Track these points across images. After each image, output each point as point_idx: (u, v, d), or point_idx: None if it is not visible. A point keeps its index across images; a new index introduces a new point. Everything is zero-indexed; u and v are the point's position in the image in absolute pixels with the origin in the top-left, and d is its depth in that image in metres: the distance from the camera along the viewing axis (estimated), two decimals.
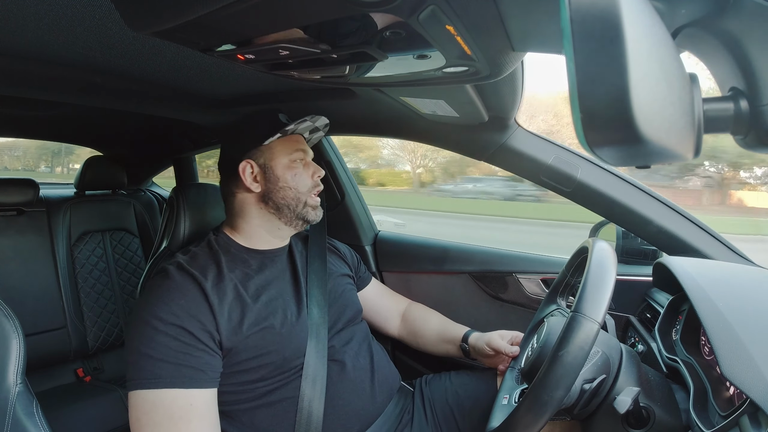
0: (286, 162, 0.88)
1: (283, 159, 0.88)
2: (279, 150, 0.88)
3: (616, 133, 0.21)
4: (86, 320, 1.58)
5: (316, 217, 0.91)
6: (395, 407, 0.90)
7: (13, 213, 1.51)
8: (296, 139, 0.91)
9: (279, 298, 0.83)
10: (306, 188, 0.89)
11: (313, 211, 0.91)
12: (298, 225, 0.91)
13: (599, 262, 0.59)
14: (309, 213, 0.90)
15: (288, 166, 0.88)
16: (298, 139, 0.92)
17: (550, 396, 0.53)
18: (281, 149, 0.88)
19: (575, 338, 0.53)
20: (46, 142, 2.21)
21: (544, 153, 0.98)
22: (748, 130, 0.30)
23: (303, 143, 0.92)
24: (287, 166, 0.88)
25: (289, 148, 0.89)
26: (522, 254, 1.18)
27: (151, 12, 0.45)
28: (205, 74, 0.89)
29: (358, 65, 0.57)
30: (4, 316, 0.63)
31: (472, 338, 0.98)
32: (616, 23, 0.20)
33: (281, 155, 0.88)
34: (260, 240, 0.90)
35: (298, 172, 0.88)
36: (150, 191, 2.05)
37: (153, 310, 0.71)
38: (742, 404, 0.49)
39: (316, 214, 0.91)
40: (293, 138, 0.91)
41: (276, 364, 0.77)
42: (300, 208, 0.89)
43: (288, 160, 0.88)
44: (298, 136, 0.92)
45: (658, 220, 0.92)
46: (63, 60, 0.79)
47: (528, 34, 0.48)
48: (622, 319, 0.99)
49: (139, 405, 0.67)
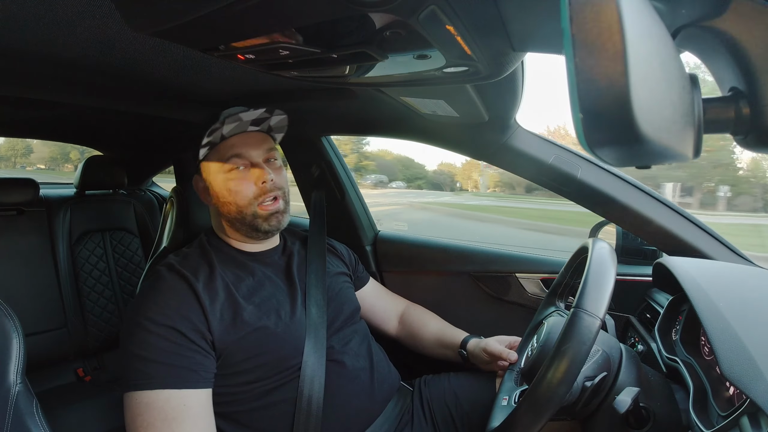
0: (221, 175, 0.83)
1: (217, 173, 0.83)
2: (213, 162, 0.83)
3: (616, 133, 0.21)
4: (86, 320, 1.58)
5: (270, 227, 0.84)
6: (395, 407, 0.90)
7: (13, 213, 1.51)
8: (230, 144, 0.82)
9: (272, 298, 0.83)
10: (246, 200, 0.82)
11: (265, 221, 0.83)
12: (257, 236, 0.86)
13: (600, 259, 0.59)
14: (260, 225, 0.83)
15: (223, 178, 0.82)
16: (234, 142, 0.82)
17: (553, 392, 0.53)
18: (215, 160, 0.83)
19: (577, 334, 0.53)
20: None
21: (544, 153, 0.98)
22: (748, 130, 0.30)
23: (240, 146, 0.82)
24: (223, 179, 0.82)
25: (222, 156, 0.82)
26: (522, 254, 1.18)
27: (151, 12, 0.45)
28: (205, 74, 0.89)
29: (358, 65, 0.57)
30: (4, 315, 0.63)
31: (470, 345, 0.97)
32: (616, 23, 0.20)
33: (216, 168, 0.83)
34: (242, 245, 0.89)
35: (233, 184, 0.82)
36: (150, 191, 2.05)
37: (144, 312, 0.71)
38: (742, 404, 0.49)
39: (270, 225, 0.84)
40: (227, 144, 0.82)
41: (272, 364, 0.77)
42: (248, 220, 0.83)
43: (222, 173, 0.82)
44: (234, 139, 0.83)
45: (658, 220, 0.92)
46: (63, 60, 0.79)
47: (528, 34, 0.48)
48: (622, 319, 0.99)
49: (132, 406, 0.67)
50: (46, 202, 1.60)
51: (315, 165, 1.34)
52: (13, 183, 1.50)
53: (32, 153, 15.23)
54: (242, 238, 0.89)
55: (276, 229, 0.86)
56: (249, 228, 0.85)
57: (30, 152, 15.17)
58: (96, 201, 1.72)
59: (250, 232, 0.86)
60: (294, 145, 1.36)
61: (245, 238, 0.89)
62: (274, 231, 0.86)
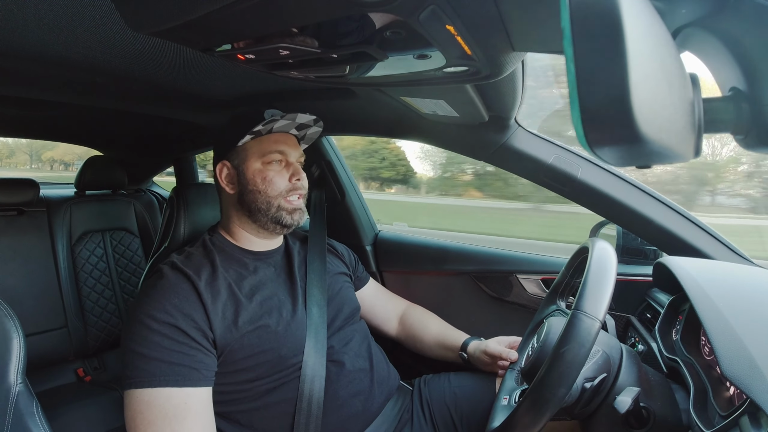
0: (258, 164, 0.85)
1: (255, 161, 0.85)
2: (253, 151, 0.85)
3: (616, 133, 0.21)
4: (87, 320, 1.58)
5: (293, 221, 0.87)
6: (394, 407, 0.90)
7: (13, 213, 1.51)
8: (275, 140, 0.86)
9: (274, 297, 0.83)
10: (277, 192, 0.85)
11: (289, 215, 0.86)
12: (276, 229, 0.88)
13: (600, 260, 0.59)
14: (284, 217, 0.86)
15: (260, 168, 0.85)
16: (278, 138, 0.87)
17: (552, 394, 0.53)
18: (255, 150, 0.85)
19: (576, 335, 0.53)
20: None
21: (544, 153, 0.98)
22: (749, 130, 0.30)
23: (283, 143, 0.87)
24: (259, 168, 0.85)
25: (264, 149, 0.85)
26: (522, 255, 1.18)
27: (151, 12, 0.45)
28: (205, 74, 0.89)
29: (358, 65, 0.57)
30: (4, 315, 0.63)
31: (470, 347, 0.98)
32: (616, 23, 0.20)
33: (254, 157, 0.85)
34: (248, 242, 0.90)
35: (270, 174, 0.85)
36: (150, 191, 2.05)
37: (147, 310, 0.71)
38: (742, 404, 0.49)
39: (293, 219, 0.87)
40: (271, 138, 0.86)
41: (272, 362, 0.77)
42: (273, 211, 0.85)
43: (261, 162, 0.85)
44: (278, 136, 0.87)
45: (659, 219, 0.92)
46: (63, 60, 0.79)
47: (528, 34, 0.48)
48: (623, 319, 0.99)
49: (133, 404, 0.67)
50: (46, 202, 1.60)
51: (315, 165, 1.34)
52: (14, 183, 1.50)
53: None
54: (254, 231, 0.89)
55: (297, 224, 0.88)
56: (271, 220, 0.86)
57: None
58: (96, 201, 1.72)
59: (270, 225, 0.87)
60: None
61: (257, 231, 0.89)
62: (295, 225, 0.89)
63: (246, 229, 0.89)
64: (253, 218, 0.87)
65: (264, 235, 0.90)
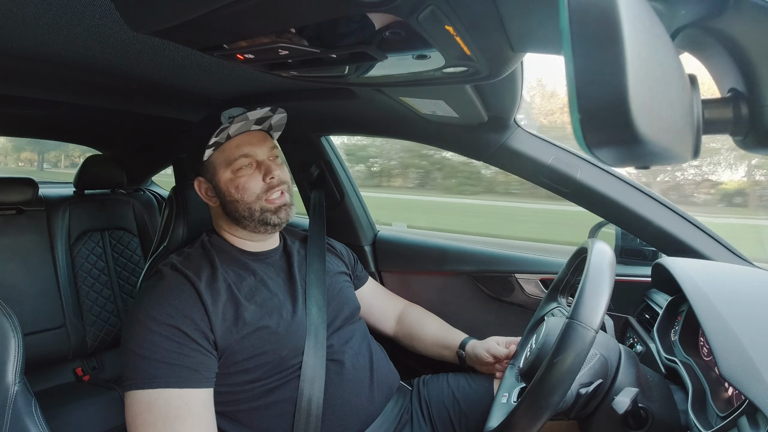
0: (228, 173, 0.84)
1: (224, 171, 0.84)
2: (219, 162, 0.84)
3: (614, 133, 0.21)
4: (85, 319, 1.58)
5: (279, 220, 0.86)
6: (394, 407, 0.90)
7: (12, 212, 1.51)
8: (236, 144, 0.84)
9: (274, 298, 0.83)
10: (254, 196, 0.84)
11: (274, 215, 0.85)
12: (266, 230, 0.87)
13: (597, 266, 0.59)
14: (269, 218, 0.85)
15: (231, 177, 0.84)
16: (239, 142, 0.84)
17: (546, 401, 0.53)
18: (221, 161, 0.84)
19: (571, 346, 0.53)
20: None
21: (543, 153, 0.98)
22: (747, 131, 0.30)
23: (246, 145, 0.84)
24: (230, 177, 0.84)
25: (229, 157, 0.83)
26: (521, 255, 1.18)
27: (151, 12, 0.45)
28: (205, 74, 0.89)
29: (357, 65, 0.57)
30: (2, 314, 0.63)
31: (468, 346, 0.98)
32: (616, 24, 0.20)
33: (221, 168, 0.84)
34: (245, 244, 0.90)
35: (242, 181, 0.83)
36: (149, 191, 2.05)
37: (147, 311, 0.71)
38: (740, 405, 0.49)
39: (280, 217, 0.86)
40: (233, 144, 0.84)
41: (273, 363, 0.77)
42: (257, 215, 0.84)
43: (230, 171, 0.84)
44: (239, 139, 0.84)
45: (658, 220, 0.92)
46: (63, 60, 0.79)
47: (527, 35, 0.48)
48: (621, 319, 0.99)
49: (134, 405, 0.67)
50: (45, 201, 1.60)
51: (315, 165, 1.34)
52: (13, 182, 1.49)
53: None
54: (247, 235, 0.89)
55: (285, 221, 0.87)
56: (258, 223, 0.85)
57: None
58: (95, 200, 1.72)
59: (259, 227, 0.86)
60: (294, 145, 1.36)
61: (251, 235, 0.89)
62: (284, 223, 0.88)
63: (238, 234, 0.89)
64: (242, 225, 0.87)
65: (258, 237, 0.90)
